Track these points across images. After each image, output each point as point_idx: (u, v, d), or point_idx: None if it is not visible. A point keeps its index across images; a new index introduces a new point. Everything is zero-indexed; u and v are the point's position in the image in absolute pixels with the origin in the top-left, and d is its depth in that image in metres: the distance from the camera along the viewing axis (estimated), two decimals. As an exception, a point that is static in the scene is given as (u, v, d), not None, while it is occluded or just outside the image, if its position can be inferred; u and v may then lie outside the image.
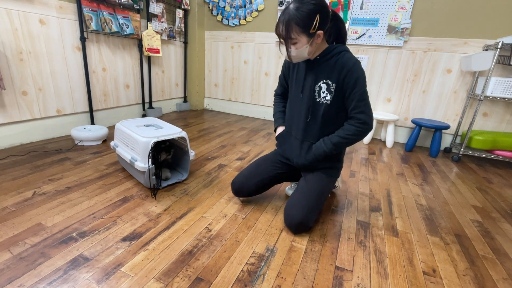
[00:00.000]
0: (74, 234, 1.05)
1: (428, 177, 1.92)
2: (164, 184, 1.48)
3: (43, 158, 1.72)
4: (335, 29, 1.13)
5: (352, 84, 1.06)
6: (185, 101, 3.58)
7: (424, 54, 2.49)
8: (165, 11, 2.82)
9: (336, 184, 1.48)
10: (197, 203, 1.34)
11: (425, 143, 2.71)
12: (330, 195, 1.53)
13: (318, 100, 1.16)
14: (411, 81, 2.60)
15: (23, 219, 1.12)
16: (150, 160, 1.30)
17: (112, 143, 1.58)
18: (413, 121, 2.47)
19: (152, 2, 2.62)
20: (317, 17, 0.97)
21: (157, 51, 2.78)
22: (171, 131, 1.43)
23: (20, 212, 1.16)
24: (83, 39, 2.13)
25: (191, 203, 1.34)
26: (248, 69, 3.32)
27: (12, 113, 1.83)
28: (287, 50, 1.06)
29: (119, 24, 2.33)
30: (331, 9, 1.05)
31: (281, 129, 1.35)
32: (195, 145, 2.20)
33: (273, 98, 1.45)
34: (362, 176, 1.84)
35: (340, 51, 1.09)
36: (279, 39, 1.07)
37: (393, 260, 1.05)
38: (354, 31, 2.67)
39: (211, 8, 3.26)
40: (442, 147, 2.66)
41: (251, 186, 1.31)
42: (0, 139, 1.80)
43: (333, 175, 1.27)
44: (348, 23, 2.66)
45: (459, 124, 2.51)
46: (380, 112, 2.73)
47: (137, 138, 1.33)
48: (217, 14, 3.25)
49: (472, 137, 2.28)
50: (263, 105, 3.38)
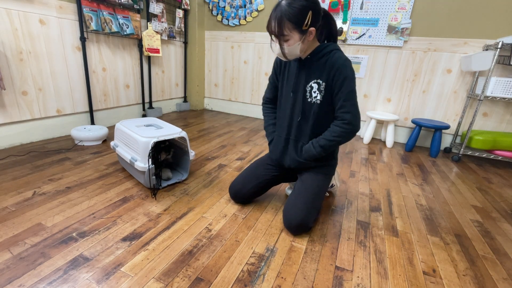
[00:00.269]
0: (74, 234, 1.05)
1: (428, 177, 1.92)
2: (164, 184, 1.48)
3: (43, 158, 1.72)
4: (326, 27, 1.13)
5: (340, 83, 1.06)
6: (185, 101, 3.58)
7: (424, 54, 2.49)
8: (165, 11, 2.82)
9: (333, 182, 1.48)
10: (197, 203, 1.34)
11: (425, 143, 2.71)
12: (329, 195, 1.53)
13: (309, 100, 1.15)
14: (411, 81, 2.60)
15: (23, 219, 1.12)
16: (150, 160, 1.30)
17: (112, 143, 1.58)
18: (413, 121, 2.47)
19: (152, 2, 2.62)
20: (310, 14, 0.97)
21: (157, 51, 2.78)
22: (171, 131, 1.43)
23: (20, 212, 1.16)
24: (83, 39, 2.13)
25: (191, 203, 1.34)
26: (248, 69, 3.32)
27: (12, 113, 1.83)
28: (281, 47, 1.04)
29: (119, 24, 2.33)
30: (322, 8, 1.05)
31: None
32: (195, 145, 2.20)
33: (262, 106, 1.39)
34: (362, 176, 1.84)
35: (330, 50, 1.09)
36: (271, 36, 1.05)
37: (393, 260, 1.05)
38: (354, 31, 2.67)
39: (211, 8, 3.26)
40: (442, 147, 2.66)
41: (248, 190, 1.31)
42: (0, 139, 1.80)
43: (328, 172, 1.26)
44: (348, 23, 2.66)
45: (459, 124, 2.51)
46: (380, 112, 2.73)
47: (137, 138, 1.33)
48: (217, 14, 3.25)
49: (472, 137, 2.28)
50: (263, 105, 3.38)
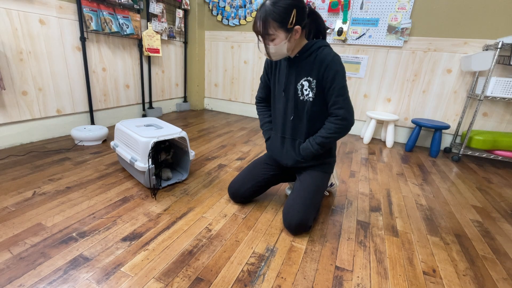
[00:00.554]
0: (74, 234, 1.05)
1: (428, 177, 1.91)
2: (164, 184, 1.48)
3: (43, 158, 1.72)
4: (314, 25, 1.13)
5: (330, 79, 1.06)
6: (185, 101, 3.58)
7: (424, 54, 2.49)
8: (165, 11, 2.82)
9: (332, 181, 1.48)
10: (197, 203, 1.34)
11: (425, 143, 2.71)
12: (329, 195, 1.53)
13: (301, 98, 1.16)
14: (411, 81, 2.60)
15: (23, 219, 1.12)
16: (150, 160, 1.30)
17: (112, 143, 1.58)
18: (413, 121, 2.47)
19: (152, 2, 2.62)
20: (294, 12, 0.98)
21: (157, 51, 2.78)
22: (171, 131, 1.43)
23: (20, 212, 1.16)
24: (83, 39, 2.13)
25: (191, 203, 1.34)
26: (248, 69, 3.32)
27: (12, 113, 1.83)
28: (265, 46, 1.05)
29: (119, 24, 2.33)
30: (307, 5, 1.05)
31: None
32: (195, 145, 2.20)
33: (256, 105, 1.41)
34: (362, 176, 1.84)
35: (319, 47, 1.09)
36: (257, 37, 1.06)
37: (393, 260, 1.05)
38: (354, 31, 2.67)
39: (211, 8, 3.26)
40: (442, 147, 2.66)
41: (247, 189, 1.31)
42: (0, 139, 1.80)
43: (327, 170, 1.26)
44: (348, 23, 2.66)
45: (459, 124, 2.51)
46: (380, 112, 2.73)
47: (137, 138, 1.33)
48: (217, 14, 3.25)
49: (472, 137, 2.28)
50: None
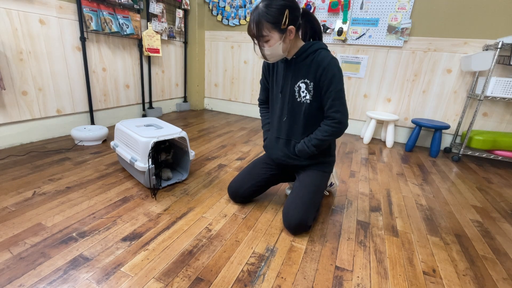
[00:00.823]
0: (74, 234, 1.05)
1: (428, 177, 1.91)
2: (164, 184, 1.48)
3: (43, 158, 1.72)
4: (308, 26, 1.14)
5: (327, 82, 1.07)
6: (185, 101, 3.58)
7: (424, 54, 2.49)
8: (165, 11, 2.82)
9: (332, 181, 1.48)
10: (197, 203, 1.34)
11: (425, 143, 2.71)
12: (329, 195, 1.53)
13: (298, 100, 1.16)
14: (411, 81, 2.60)
15: (23, 219, 1.12)
16: (150, 160, 1.30)
17: (112, 143, 1.59)
18: (413, 121, 2.47)
19: (152, 2, 2.62)
20: (287, 12, 0.98)
21: (157, 51, 2.78)
22: (171, 131, 1.43)
23: (20, 212, 1.16)
24: (83, 39, 2.13)
25: (191, 203, 1.34)
26: (248, 69, 3.32)
27: (12, 113, 1.83)
28: (260, 48, 1.06)
29: (119, 24, 2.33)
30: (307, 6, 1.06)
31: None
32: (195, 145, 2.20)
33: (259, 107, 1.44)
34: (362, 176, 1.84)
35: (316, 49, 1.09)
36: (253, 40, 1.07)
37: (393, 260, 1.05)
38: (354, 31, 2.67)
39: (211, 8, 3.26)
40: (442, 147, 2.66)
41: (246, 189, 1.31)
42: (0, 139, 1.80)
43: (326, 170, 1.26)
44: (348, 23, 2.66)
45: (459, 124, 2.51)
46: (380, 112, 2.73)
47: (137, 138, 1.33)
48: (217, 14, 3.25)
49: (472, 137, 2.28)
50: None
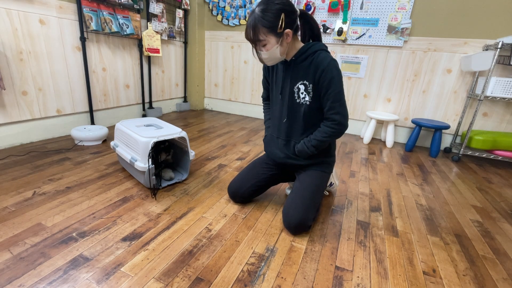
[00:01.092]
0: (74, 234, 1.05)
1: (428, 177, 1.91)
2: (164, 184, 1.48)
3: (43, 158, 1.72)
4: (307, 27, 1.14)
5: (326, 84, 1.07)
6: (185, 101, 3.58)
7: (424, 54, 2.49)
8: (165, 11, 2.82)
9: (332, 181, 1.48)
10: (197, 203, 1.34)
11: (425, 143, 2.71)
12: (329, 195, 1.53)
13: (298, 101, 1.17)
14: (411, 81, 2.60)
15: (23, 219, 1.12)
16: (150, 160, 1.30)
17: (112, 143, 1.59)
18: (413, 121, 2.47)
19: (152, 2, 2.62)
20: (283, 16, 0.99)
21: (157, 51, 2.78)
22: (171, 131, 1.43)
23: (20, 212, 1.16)
24: (83, 39, 2.13)
25: (191, 203, 1.34)
26: (248, 69, 3.32)
27: (12, 113, 1.83)
28: (257, 52, 1.07)
29: (119, 24, 2.33)
30: (298, 9, 1.06)
31: None
32: (195, 145, 2.20)
33: (262, 103, 1.45)
34: (362, 176, 1.84)
35: (315, 51, 1.09)
36: (251, 44, 1.07)
37: (393, 260, 1.05)
38: (354, 31, 2.67)
39: (211, 8, 3.26)
40: (442, 147, 2.66)
41: (246, 189, 1.31)
42: (0, 139, 1.80)
43: (326, 170, 1.27)
44: (348, 23, 2.66)
45: (459, 124, 2.51)
46: (380, 112, 2.73)
47: (137, 138, 1.33)
48: (217, 14, 3.25)
49: (472, 137, 2.28)
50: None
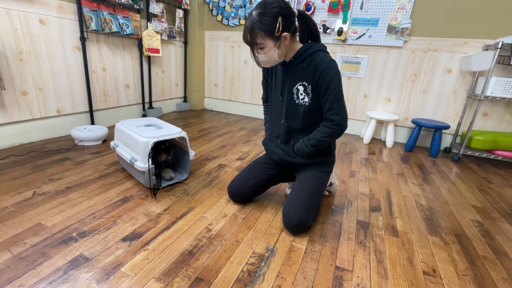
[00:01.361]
0: (74, 234, 1.05)
1: (428, 177, 1.91)
2: (164, 184, 1.48)
3: (43, 158, 1.72)
4: (305, 28, 1.13)
5: (325, 85, 1.07)
6: (185, 101, 3.58)
7: (424, 54, 2.49)
8: (165, 11, 2.82)
9: (332, 180, 1.48)
10: (197, 203, 1.34)
11: (425, 143, 2.71)
12: (329, 195, 1.53)
13: (297, 102, 1.17)
14: (411, 81, 2.60)
15: (23, 219, 1.12)
16: (150, 160, 1.30)
17: (112, 143, 1.59)
18: (413, 121, 2.47)
19: (152, 2, 2.62)
20: (280, 19, 0.98)
21: (157, 51, 2.78)
22: (171, 131, 1.43)
23: (20, 212, 1.16)
24: (83, 39, 2.13)
25: (191, 203, 1.34)
26: (248, 69, 3.32)
27: (12, 113, 1.83)
28: (255, 55, 1.07)
29: (119, 24, 2.33)
30: (296, 10, 1.06)
31: None
32: (195, 145, 2.20)
33: (263, 105, 1.45)
34: (362, 176, 1.84)
35: (314, 51, 1.09)
36: (250, 47, 1.08)
37: (393, 260, 1.05)
38: (354, 31, 2.67)
39: (211, 8, 3.26)
40: (442, 147, 2.66)
41: (246, 189, 1.31)
42: (0, 139, 1.80)
43: (326, 170, 1.27)
44: (348, 23, 2.66)
45: (459, 124, 2.51)
46: (380, 112, 2.73)
47: (137, 138, 1.33)
48: (217, 14, 3.25)
49: (472, 137, 2.28)
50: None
